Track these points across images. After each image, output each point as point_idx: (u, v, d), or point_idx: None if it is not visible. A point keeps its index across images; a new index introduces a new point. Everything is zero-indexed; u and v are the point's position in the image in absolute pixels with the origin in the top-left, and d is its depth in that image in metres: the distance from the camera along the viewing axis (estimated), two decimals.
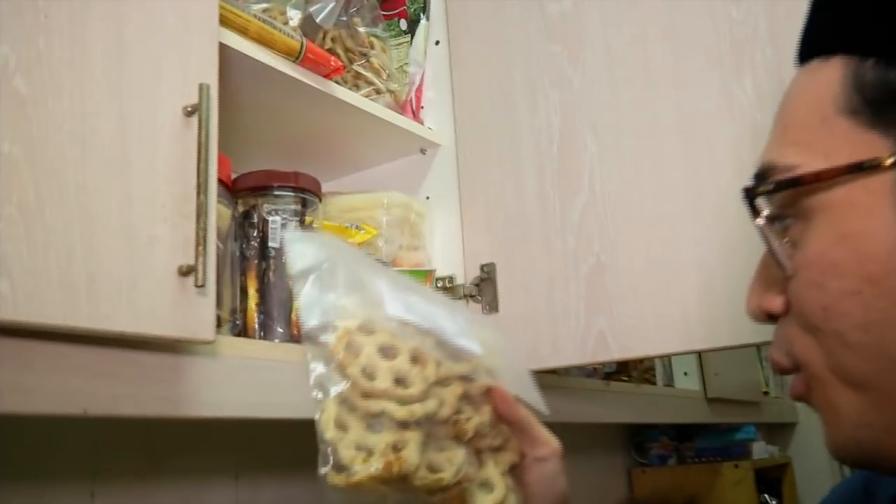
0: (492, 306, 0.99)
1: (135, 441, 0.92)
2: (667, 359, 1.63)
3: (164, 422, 0.66)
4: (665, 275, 0.90)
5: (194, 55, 0.67)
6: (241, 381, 0.69)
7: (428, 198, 1.08)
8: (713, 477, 1.83)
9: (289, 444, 1.05)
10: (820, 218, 0.42)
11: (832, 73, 0.43)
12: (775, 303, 0.46)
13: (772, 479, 2.03)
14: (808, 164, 0.42)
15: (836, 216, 0.42)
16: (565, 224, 0.96)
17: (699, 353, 1.65)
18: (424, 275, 0.99)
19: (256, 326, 0.78)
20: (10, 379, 0.54)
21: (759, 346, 1.86)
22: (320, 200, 0.89)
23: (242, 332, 0.78)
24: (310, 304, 0.61)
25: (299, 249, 0.62)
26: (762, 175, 0.46)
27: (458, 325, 0.66)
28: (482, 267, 1.01)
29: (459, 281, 1.02)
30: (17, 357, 0.54)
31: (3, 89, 0.53)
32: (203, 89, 0.64)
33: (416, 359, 0.62)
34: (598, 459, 1.82)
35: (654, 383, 1.56)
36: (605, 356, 0.93)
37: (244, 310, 0.78)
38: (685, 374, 1.65)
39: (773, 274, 0.46)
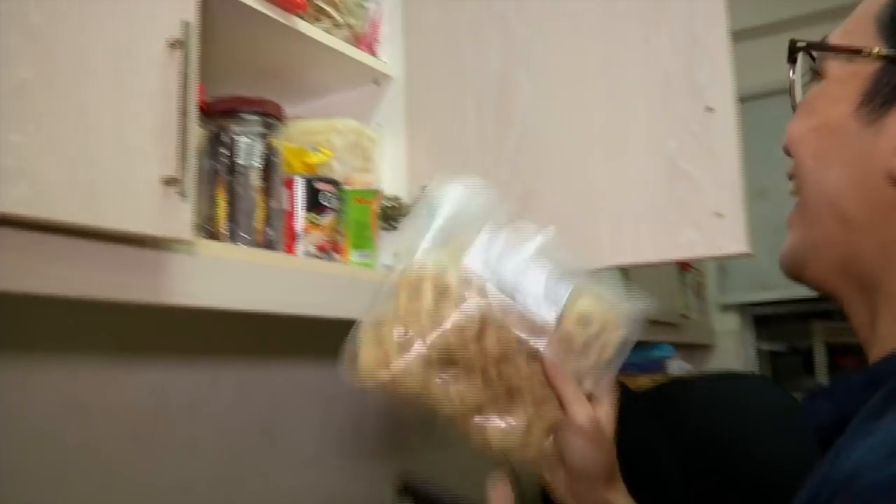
0: None
1: (112, 330, 1.04)
2: None
3: (145, 309, 0.78)
4: (581, 203, 1.04)
5: None
6: (213, 277, 0.81)
7: (379, 125, 1.19)
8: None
9: (249, 336, 1.19)
10: (823, 81, 0.57)
11: None
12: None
13: None
14: (839, 41, 0.57)
15: (829, 82, 0.57)
16: (500, 154, 1.09)
17: (624, 270, 1.81)
18: (373, 194, 1.11)
19: (225, 232, 0.90)
20: (26, 265, 0.65)
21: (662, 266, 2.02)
22: (283, 124, 1.00)
23: (213, 237, 0.90)
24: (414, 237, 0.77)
25: (455, 196, 0.75)
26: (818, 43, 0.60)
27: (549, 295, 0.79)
28: (424, 188, 1.13)
29: (404, 200, 1.15)
30: (32, 247, 0.65)
31: (21, 22, 0.63)
32: (185, 26, 0.74)
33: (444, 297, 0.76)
34: None
35: None
36: None
37: (214, 218, 0.90)
38: None
39: None
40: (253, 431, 1.19)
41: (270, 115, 0.96)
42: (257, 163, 0.93)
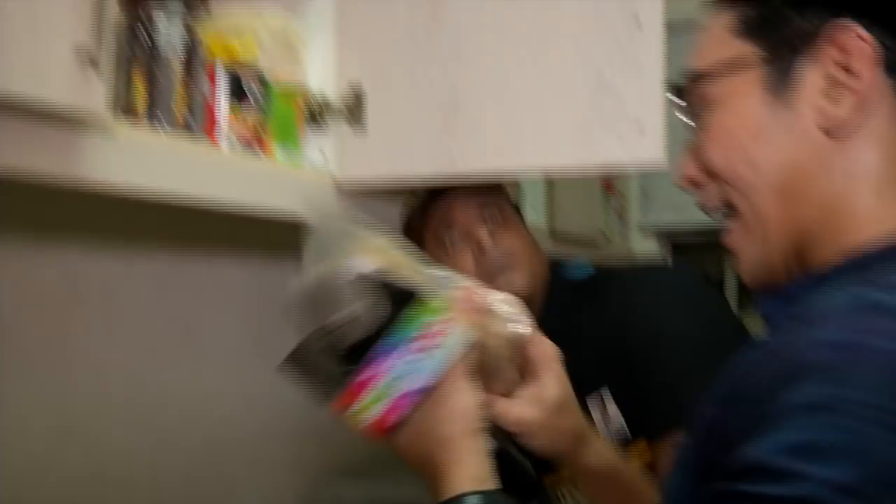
0: (358, 123, 1.12)
1: (22, 212, 1.00)
2: (519, 195, 1.81)
3: (58, 191, 0.76)
4: (508, 108, 1.05)
5: None
6: (131, 160, 0.80)
7: (309, 21, 1.16)
8: None
9: (168, 227, 1.16)
10: (715, 104, 0.64)
11: (727, 13, 0.64)
12: (690, 169, 0.67)
13: None
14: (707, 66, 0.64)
15: (724, 100, 0.63)
16: (430, 56, 1.09)
17: (551, 186, 1.86)
18: (299, 88, 1.10)
19: (143, 117, 0.87)
20: None
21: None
22: (207, 11, 0.97)
23: (130, 121, 0.88)
24: None
25: None
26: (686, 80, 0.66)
27: None
28: (352, 87, 1.12)
29: (331, 97, 1.14)
30: None
31: None
32: None
33: None
34: None
35: None
36: (453, 173, 1.08)
37: (132, 101, 0.87)
38: (533, 208, 1.84)
39: (691, 152, 0.67)
40: (170, 325, 1.18)
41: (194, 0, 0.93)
42: (178, 48, 0.90)
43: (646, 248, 2.76)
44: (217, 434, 1.25)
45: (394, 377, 0.67)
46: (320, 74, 1.15)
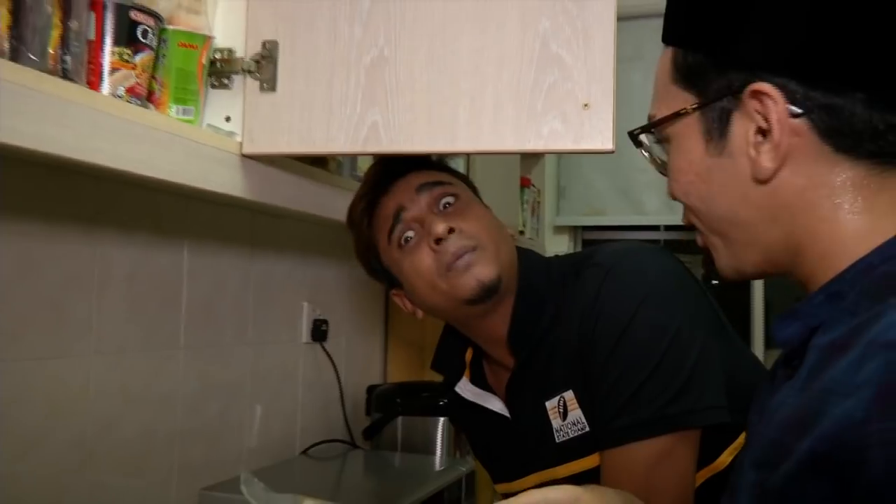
0: (270, 85, 0.98)
1: None
2: None
3: None
4: (442, 77, 0.94)
5: None
6: None
7: None
8: None
9: (35, 193, 0.99)
10: (672, 143, 0.70)
11: (667, 56, 0.69)
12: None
13: None
14: (660, 112, 0.69)
15: (676, 141, 0.69)
16: (354, 12, 0.96)
17: (467, 156, 1.73)
18: (202, 39, 0.95)
19: (6, 49, 0.71)
20: None
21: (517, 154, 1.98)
22: None
23: None
24: None
25: None
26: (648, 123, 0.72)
27: None
28: (264, 44, 0.98)
29: (239, 54, 0.99)
30: None
31: None
32: None
33: None
34: None
35: None
36: (376, 147, 0.96)
37: None
38: None
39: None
40: (37, 308, 1.01)
41: None
42: None
43: (558, 246, 2.71)
44: (90, 436, 1.08)
45: None
46: (228, 27, 1.01)
